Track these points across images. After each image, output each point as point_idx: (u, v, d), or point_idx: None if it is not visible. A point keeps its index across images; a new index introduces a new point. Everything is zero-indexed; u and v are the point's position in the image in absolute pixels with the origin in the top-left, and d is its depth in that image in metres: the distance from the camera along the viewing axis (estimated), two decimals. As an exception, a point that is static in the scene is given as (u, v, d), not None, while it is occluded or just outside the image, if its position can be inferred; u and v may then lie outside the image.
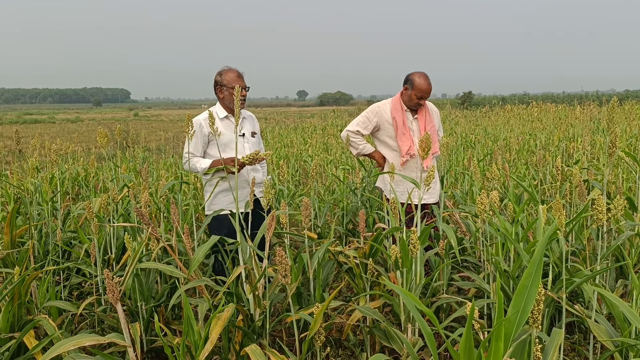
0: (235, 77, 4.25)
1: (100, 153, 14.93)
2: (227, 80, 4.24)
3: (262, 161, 3.55)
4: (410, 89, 4.50)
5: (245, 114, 4.43)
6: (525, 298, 1.91)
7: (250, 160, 3.46)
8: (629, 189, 6.09)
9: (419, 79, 4.47)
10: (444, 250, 3.67)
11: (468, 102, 45.19)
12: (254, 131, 4.46)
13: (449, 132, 16.64)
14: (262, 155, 3.47)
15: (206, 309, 3.02)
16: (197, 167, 4.13)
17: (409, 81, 4.52)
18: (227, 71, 4.29)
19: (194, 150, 4.17)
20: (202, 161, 4.15)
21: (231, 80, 4.23)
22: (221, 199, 4.23)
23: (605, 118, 3.18)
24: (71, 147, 11.70)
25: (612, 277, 3.58)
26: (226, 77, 4.26)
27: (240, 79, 4.27)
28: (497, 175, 3.93)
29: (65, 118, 49.46)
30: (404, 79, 4.58)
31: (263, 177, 4.38)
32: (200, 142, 4.21)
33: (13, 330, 3.09)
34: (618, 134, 3.03)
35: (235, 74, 4.27)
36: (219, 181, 3.84)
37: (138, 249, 3.10)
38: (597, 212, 2.83)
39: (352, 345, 3.58)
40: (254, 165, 4.25)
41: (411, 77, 4.52)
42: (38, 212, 4.79)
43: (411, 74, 4.54)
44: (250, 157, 3.45)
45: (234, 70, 4.30)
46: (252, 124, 4.47)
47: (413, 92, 4.48)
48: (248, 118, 4.46)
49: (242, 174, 4.16)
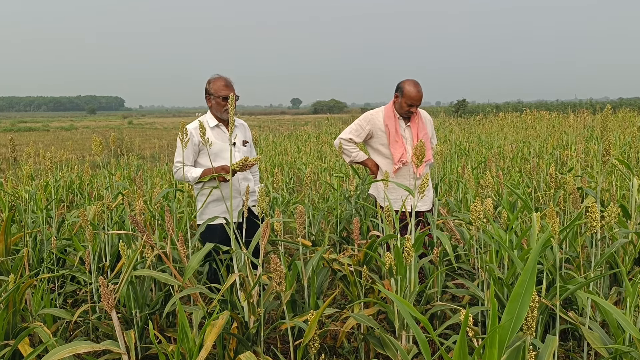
0: (223, 86, 4.18)
1: (94, 161, 14.91)
2: (214, 89, 4.19)
3: (252, 167, 3.52)
4: (401, 97, 4.52)
5: (236, 122, 4.36)
6: (519, 305, 1.91)
7: (240, 166, 3.42)
8: (622, 197, 6.11)
9: (408, 87, 4.49)
10: (438, 257, 3.68)
11: (462, 109, 45.30)
12: (246, 140, 4.40)
13: (443, 140, 16.67)
14: (251, 160, 3.43)
15: (201, 316, 3.02)
16: (187, 176, 4.08)
17: (399, 89, 4.55)
18: (215, 80, 4.23)
19: (185, 160, 4.10)
20: (193, 170, 4.11)
21: (218, 89, 4.17)
22: (212, 209, 4.17)
23: (599, 126, 3.20)
24: (65, 154, 11.67)
25: (606, 284, 3.60)
26: (214, 85, 4.20)
27: (228, 88, 4.19)
28: (491, 182, 3.94)
29: (60, 126, 49.31)
30: (396, 87, 4.61)
31: (255, 186, 4.36)
32: (191, 151, 4.16)
33: (8, 338, 3.08)
34: (612, 141, 3.06)
35: (222, 82, 4.20)
36: (211, 190, 3.80)
37: (133, 257, 3.09)
38: (591, 219, 2.84)
39: (347, 352, 3.58)
40: (245, 174, 4.25)
41: (401, 84, 4.54)
42: (33, 219, 4.79)
43: (402, 81, 4.57)
44: (240, 163, 3.41)
45: (223, 78, 4.23)
46: (243, 132, 4.42)
47: (403, 100, 4.50)
48: (240, 126, 4.40)
49: (233, 183, 4.10)
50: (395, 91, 4.61)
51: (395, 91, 4.61)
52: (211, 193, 3.87)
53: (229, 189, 3.31)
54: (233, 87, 4.24)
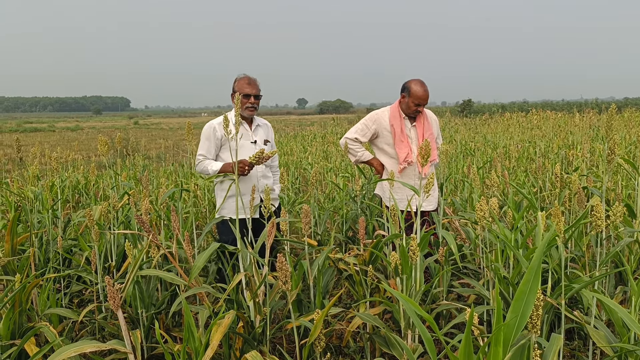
0: (245, 84, 4.33)
1: (100, 161, 14.94)
2: (237, 87, 4.33)
3: (267, 160, 3.62)
4: (408, 97, 4.53)
5: (260, 121, 4.53)
6: (524, 303, 1.92)
7: (256, 159, 3.50)
8: (628, 196, 6.10)
9: (415, 86, 4.50)
10: (444, 257, 3.68)
11: (468, 109, 45.24)
12: (267, 139, 4.53)
13: (449, 140, 16.65)
14: (267, 154, 3.52)
15: (207, 315, 3.03)
16: (208, 169, 4.22)
17: (406, 89, 4.57)
18: (240, 78, 4.38)
19: (207, 153, 4.28)
20: (214, 164, 4.24)
21: (241, 87, 4.31)
22: (231, 203, 4.26)
23: (604, 125, 3.19)
24: (71, 155, 11.71)
25: (612, 283, 3.59)
26: (238, 84, 4.35)
27: (250, 86, 4.33)
28: (497, 182, 3.94)
29: (65, 126, 49.47)
30: (402, 87, 4.62)
31: (274, 185, 4.46)
32: (213, 145, 4.30)
33: (14, 338, 3.09)
34: (617, 141, 3.05)
35: (246, 80, 4.35)
36: (231, 185, 3.86)
37: (139, 257, 3.10)
38: (596, 218, 2.83)
39: (352, 351, 3.58)
40: (264, 172, 4.38)
41: (408, 84, 4.56)
42: (39, 220, 4.80)
43: (408, 81, 4.59)
44: (256, 156, 3.50)
45: (247, 77, 4.38)
46: (266, 132, 4.56)
47: (410, 100, 4.51)
48: (263, 126, 4.55)
49: (251, 180, 4.19)
50: (401, 91, 4.62)
51: (401, 91, 4.62)
52: (230, 188, 3.92)
53: (247, 185, 3.37)
54: (257, 85, 4.38)
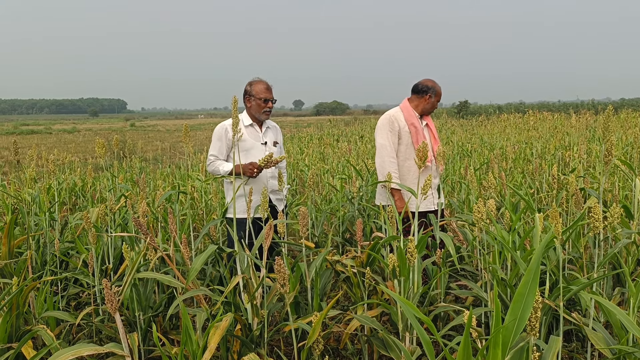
0: (264, 89, 4.42)
1: (97, 163, 14.92)
2: (255, 91, 4.41)
3: (276, 164, 3.87)
4: (434, 96, 4.70)
5: (270, 124, 4.62)
6: (522, 306, 1.91)
7: (265, 162, 3.74)
8: (625, 197, 6.11)
9: (437, 86, 4.72)
10: (441, 258, 3.68)
11: (464, 111, 45.27)
12: (276, 141, 4.62)
13: (446, 141, 16.67)
14: (276, 158, 3.77)
15: (204, 318, 3.02)
16: (219, 169, 4.34)
17: (431, 89, 4.69)
18: (257, 82, 4.46)
19: (218, 154, 4.40)
20: (225, 164, 4.36)
21: (259, 91, 4.40)
22: (239, 203, 4.34)
23: (601, 126, 3.19)
24: (68, 157, 11.70)
25: (609, 285, 3.59)
26: (255, 87, 4.43)
27: (269, 91, 4.44)
28: (494, 183, 3.94)
29: (62, 128, 49.38)
30: (421, 88, 4.71)
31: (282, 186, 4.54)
32: (225, 146, 4.40)
33: (11, 341, 3.08)
34: (614, 142, 3.05)
35: (264, 85, 4.44)
36: (240, 185, 3.96)
37: (136, 259, 3.09)
38: (594, 220, 2.84)
39: (350, 354, 3.58)
40: (273, 173, 4.47)
41: (431, 85, 4.71)
42: (36, 222, 4.79)
43: (427, 81, 4.74)
44: (265, 159, 3.72)
45: (264, 82, 4.47)
46: (275, 133, 4.64)
47: (436, 99, 4.71)
48: (272, 128, 4.63)
49: (260, 181, 4.32)
50: (422, 92, 4.71)
51: (422, 92, 4.71)
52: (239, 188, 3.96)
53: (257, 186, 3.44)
54: (272, 90, 4.50)
